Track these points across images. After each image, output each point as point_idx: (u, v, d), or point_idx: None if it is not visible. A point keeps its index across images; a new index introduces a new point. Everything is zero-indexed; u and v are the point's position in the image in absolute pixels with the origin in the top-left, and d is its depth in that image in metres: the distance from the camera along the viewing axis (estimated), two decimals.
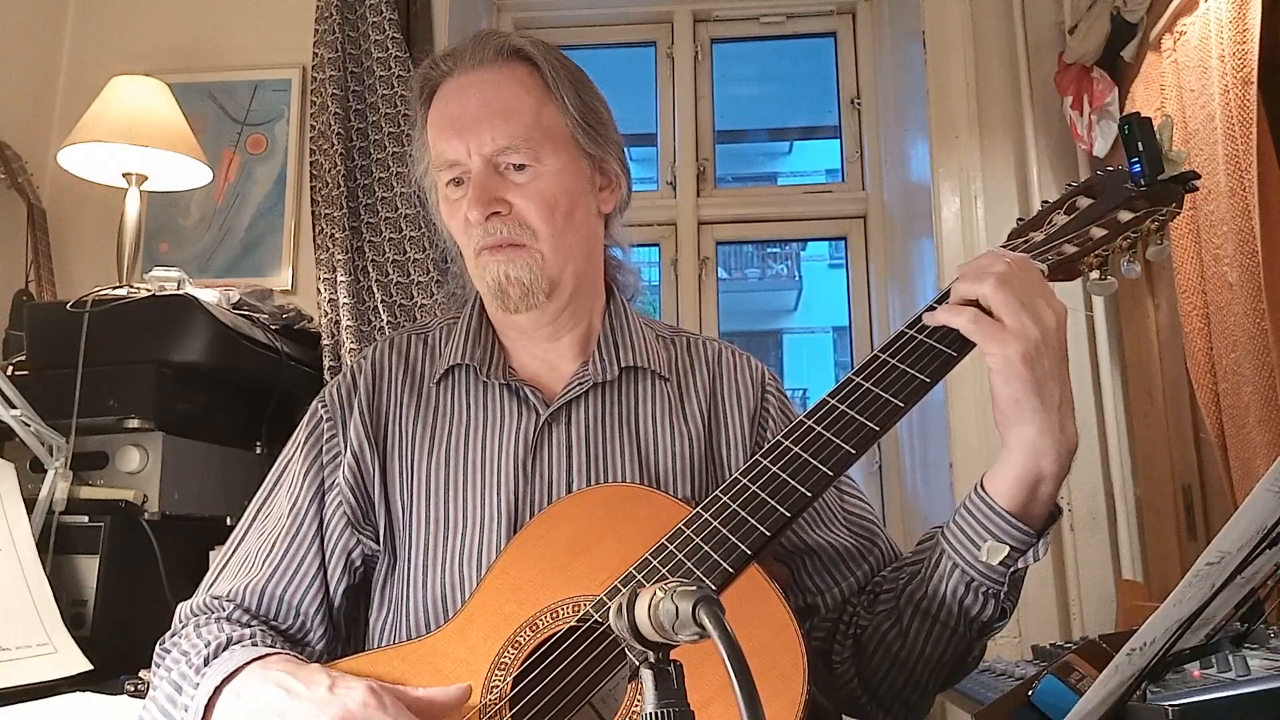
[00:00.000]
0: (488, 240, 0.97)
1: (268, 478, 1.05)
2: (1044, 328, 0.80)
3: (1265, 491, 0.62)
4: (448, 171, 0.99)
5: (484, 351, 1.03)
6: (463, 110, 0.97)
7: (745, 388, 1.07)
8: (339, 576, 0.97)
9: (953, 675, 0.92)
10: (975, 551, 0.83)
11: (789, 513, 0.82)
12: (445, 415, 1.02)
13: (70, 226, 2.41)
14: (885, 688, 0.93)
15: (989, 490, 0.84)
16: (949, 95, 2.33)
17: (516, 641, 0.84)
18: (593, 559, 0.86)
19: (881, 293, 2.72)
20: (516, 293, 0.97)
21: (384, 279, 2.23)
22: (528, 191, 0.96)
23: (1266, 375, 1.52)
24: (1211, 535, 0.66)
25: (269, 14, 2.52)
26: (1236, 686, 0.73)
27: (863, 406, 0.84)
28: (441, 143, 0.98)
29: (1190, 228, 1.71)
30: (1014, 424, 0.81)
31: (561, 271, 0.99)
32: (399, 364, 1.05)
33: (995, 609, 0.85)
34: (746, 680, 0.47)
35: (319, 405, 1.04)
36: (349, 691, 0.77)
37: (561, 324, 1.03)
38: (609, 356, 1.04)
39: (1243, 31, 1.56)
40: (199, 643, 0.88)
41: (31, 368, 1.75)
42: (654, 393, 1.04)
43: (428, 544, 0.96)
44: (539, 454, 0.98)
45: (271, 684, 0.80)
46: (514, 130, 0.96)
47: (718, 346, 1.11)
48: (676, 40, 2.93)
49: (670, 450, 1.01)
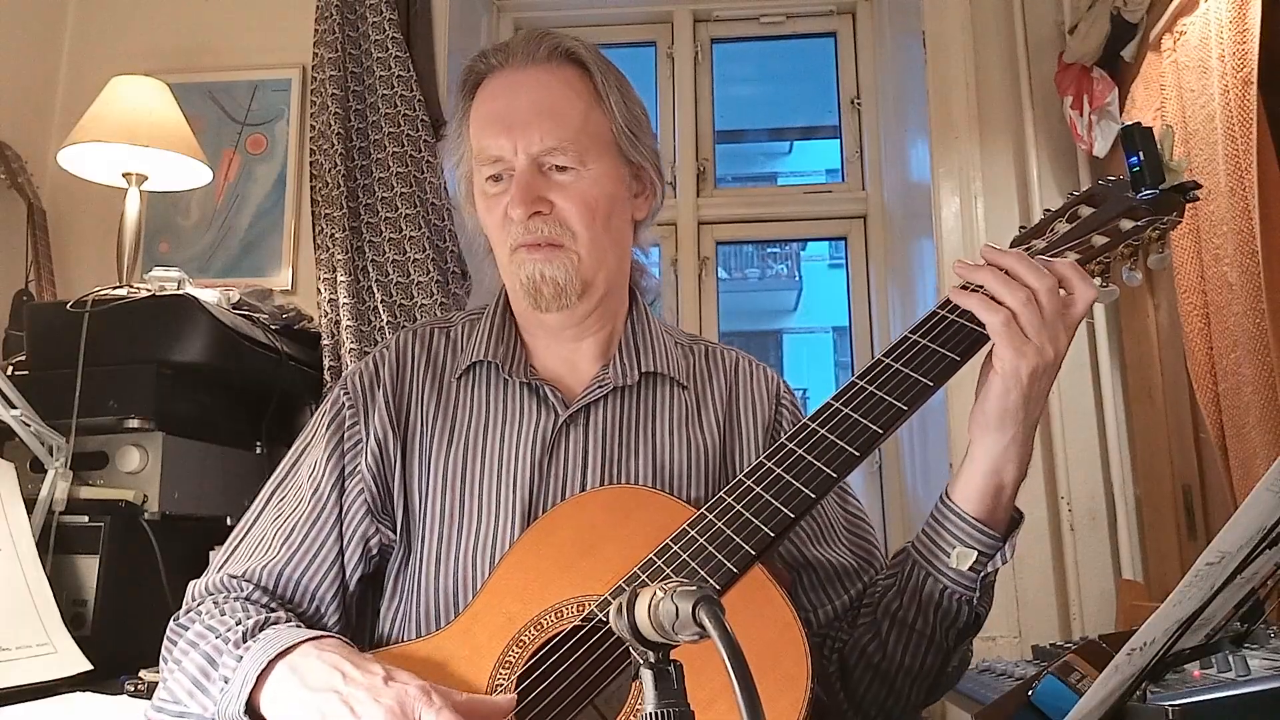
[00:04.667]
0: (527, 238, 0.97)
1: (284, 460, 1.04)
2: (1057, 350, 0.82)
3: (1265, 491, 0.62)
4: (490, 167, 0.99)
5: (506, 349, 1.04)
6: (512, 108, 0.97)
7: (761, 399, 1.08)
8: (356, 563, 0.98)
9: (935, 688, 0.94)
10: (945, 558, 0.85)
11: (793, 513, 0.82)
12: (465, 410, 1.02)
13: (70, 226, 2.41)
14: (869, 701, 0.94)
15: (955, 499, 0.86)
16: (949, 95, 2.32)
17: (521, 641, 0.84)
18: (598, 559, 0.86)
19: (881, 293, 2.72)
20: (550, 291, 0.97)
21: (384, 279, 2.23)
22: (570, 193, 0.97)
23: (1266, 375, 1.52)
24: (1211, 535, 0.66)
25: (269, 14, 2.52)
26: (1236, 686, 0.73)
27: (866, 410, 0.85)
28: (487, 138, 0.98)
29: (1190, 228, 1.71)
30: (992, 430, 0.83)
31: (595, 274, 1.00)
32: (422, 355, 1.05)
33: (969, 614, 0.87)
34: (746, 680, 0.47)
35: (341, 392, 1.03)
36: (404, 686, 0.77)
37: (588, 326, 1.04)
38: (630, 361, 1.04)
39: (1243, 31, 1.56)
40: (228, 619, 0.88)
41: (31, 368, 1.75)
42: (672, 400, 1.05)
43: (442, 536, 0.97)
44: (555, 453, 0.99)
45: (327, 665, 0.80)
46: (562, 132, 0.96)
47: (735, 356, 1.11)
48: (676, 40, 2.93)
49: (685, 457, 1.01)
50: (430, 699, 0.76)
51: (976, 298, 0.84)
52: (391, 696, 0.76)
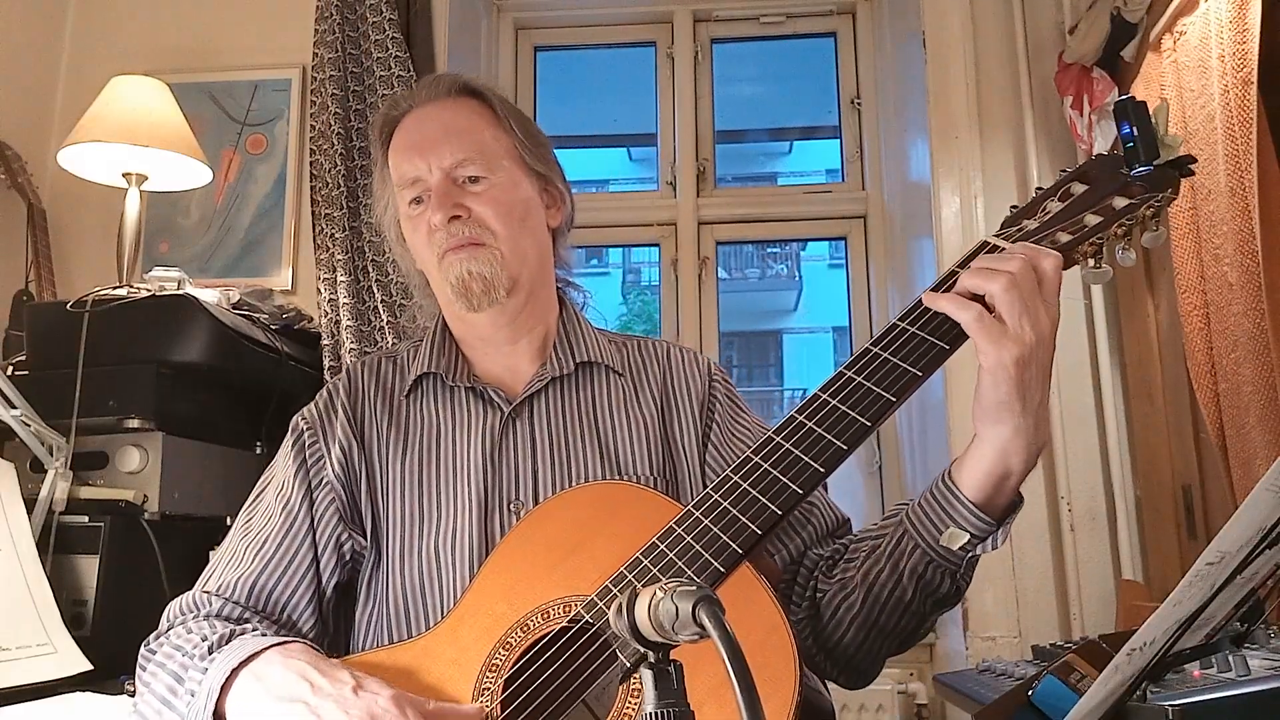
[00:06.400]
0: (450, 241, 1.04)
1: (251, 492, 1.08)
2: (1040, 333, 0.80)
3: (1265, 491, 0.62)
4: (410, 190, 1.07)
5: (449, 360, 1.10)
6: (423, 134, 1.08)
7: (694, 379, 1.13)
8: (332, 569, 1.01)
9: (904, 645, 0.96)
10: (936, 535, 0.86)
11: (780, 510, 0.82)
12: (417, 422, 1.08)
13: (70, 226, 2.41)
14: (840, 650, 0.96)
15: (956, 480, 0.86)
16: (949, 95, 2.33)
17: (507, 642, 0.84)
18: (584, 558, 0.86)
19: (881, 293, 2.72)
20: (479, 288, 1.03)
21: (384, 279, 2.23)
22: (484, 198, 1.05)
23: (1266, 375, 1.52)
24: (1211, 535, 0.66)
25: (269, 14, 2.52)
26: (1236, 686, 0.73)
27: (854, 402, 0.84)
28: (404, 164, 1.08)
29: (1190, 227, 1.71)
30: (992, 422, 0.83)
31: (519, 270, 1.06)
32: (371, 380, 1.11)
33: (951, 586, 0.89)
34: (747, 681, 0.47)
35: (299, 419, 1.09)
36: (374, 696, 0.77)
37: (520, 325, 1.10)
38: (565, 354, 1.11)
39: (1243, 31, 1.56)
40: (194, 637, 0.89)
41: (31, 368, 1.75)
42: (610, 385, 1.11)
43: (404, 536, 1.01)
44: (505, 446, 1.04)
45: (294, 673, 0.80)
46: (469, 146, 1.06)
47: (666, 345, 1.18)
48: (676, 40, 2.93)
49: (629, 436, 1.07)
50: (402, 710, 0.76)
51: (946, 298, 0.84)
52: (361, 707, 0.76)
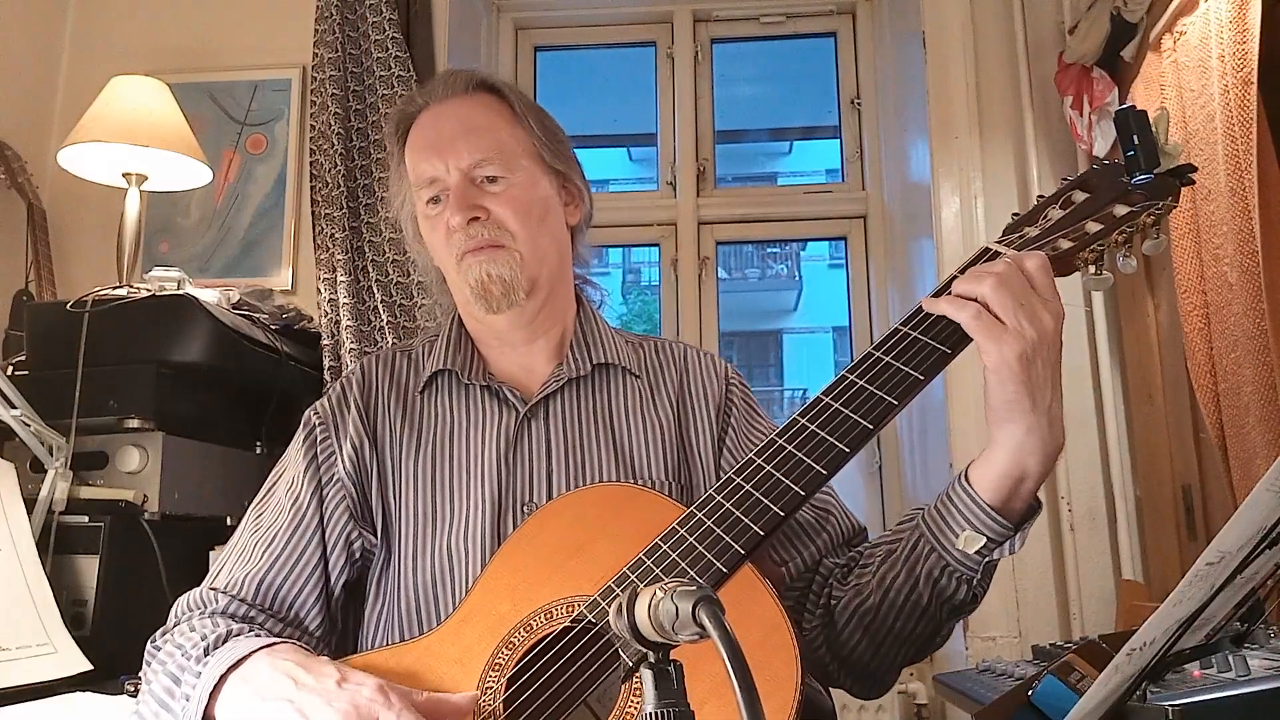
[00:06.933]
0: (469, 244, 1.03)
1: (263, 486, 1.07)
2: (1041, 330, 0.80)
3: (1265, 491, 0.62)
4: (427, 190, 1.06)
5: (464, 358, 1.09)
6: (439, 133, 1.06)
7: (710, 382, 1.12)
8: (341, 567, 1.00)
9: (920, 653, 0.95)
10: (953, 539, 0.85)
11: (783, 511, 0.82)
12: (431, 419, 1.07)
13: (70, 226, 2.41)
14: (854, 658, 0.95)
15: (973, 482, 0.85)
16: (949, 95, 2.32)
17: (511, 642, 0.84)
18: (587, 559, 0.86)
19: (881, 293, 2.72)
20: (499, 290, 1.02)
21: (384, 279, 2.23)
22: (503, 199, 1.04)
23: (1266, 375, 1.52)
24: (1211, 535, 0.66)
25: (269, 14, 2.52)
26: (1236, 686, 0.73)
27: (856, 405, 0.84)
28: (421, 164, 1.06)
29: (1190, 228, 1.71)
30: (1004, 423, 0.82)
31: (539, 271, 1.05)
32: (385, 374, 1.10)
33: (967, 593, 0.88)
34: (747, 681, 0.47)
35: (311, 414, 1.08)
36: (358, 687, 0.77)
37: (538, 326, 1.09)
38: (582, 355, 1.10)
39: (1243, 31, 1.56)
40: (194, 636, 0.89)
41: (31, 368, 1.75)
42: (626, 387, 1.10)
43: (416, 535, 1.00)
44: (519, 447, 1.03)
45: (280, 672, 0.80)
46: (487, 145, 1.04)
47: (684, 347, 1.17)
48: (676, 40, 2.93)
49: (644, 439, 1.06)
50: (387, 699, 0.75)
51: (944, 300, 0.85)
52: (346, 700, 0.76)
